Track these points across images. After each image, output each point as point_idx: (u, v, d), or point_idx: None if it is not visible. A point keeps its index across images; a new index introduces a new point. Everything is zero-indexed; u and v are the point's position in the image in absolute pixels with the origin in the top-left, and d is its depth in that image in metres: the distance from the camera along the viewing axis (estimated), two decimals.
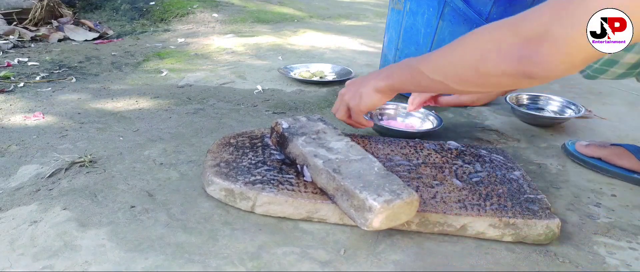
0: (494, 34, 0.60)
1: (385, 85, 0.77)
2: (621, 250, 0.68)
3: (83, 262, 0.58)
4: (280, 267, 0.60)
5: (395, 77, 0.76)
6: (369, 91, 0.79)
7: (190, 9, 2.35)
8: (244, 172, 0.73)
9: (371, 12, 2.85)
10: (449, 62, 0.65)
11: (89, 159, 0.83)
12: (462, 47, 0.64)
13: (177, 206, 0.71)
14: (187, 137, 0.96)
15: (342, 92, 0.86)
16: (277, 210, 0.68)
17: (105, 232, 0.64)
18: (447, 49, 0.67)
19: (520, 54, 0.55)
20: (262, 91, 1.30)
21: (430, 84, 0.69)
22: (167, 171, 0.81)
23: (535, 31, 0.53)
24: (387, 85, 0.77)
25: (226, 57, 1.67)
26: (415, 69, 0.70)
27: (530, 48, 0.53)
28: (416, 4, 1.14)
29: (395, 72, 0.77)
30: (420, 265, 0.62)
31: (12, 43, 1.76)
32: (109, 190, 0.74)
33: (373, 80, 0.79)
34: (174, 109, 1.13)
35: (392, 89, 0.78)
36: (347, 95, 0.84)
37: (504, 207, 0.68)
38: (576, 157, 0.94)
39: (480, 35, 0.62)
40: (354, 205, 0.62)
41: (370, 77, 0.81)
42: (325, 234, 0.66)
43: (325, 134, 0.78)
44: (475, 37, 0.62)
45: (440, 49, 0.68)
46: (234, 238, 0.64)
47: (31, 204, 0.70)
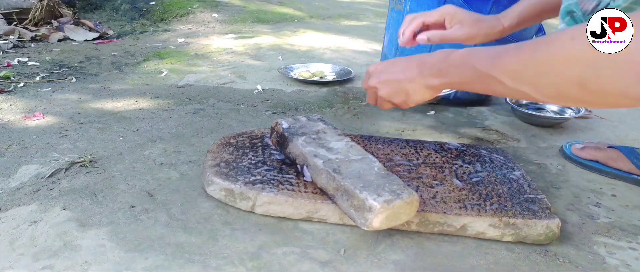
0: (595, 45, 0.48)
1: (441, 84, 0.67)
2: (621, 250, 0.68)
3: (83, 262, 0.58)
4: (280, 267, 0.60)
5: (454, 76, 0.64)
6: (418, 88, 0.69)
7: (190, 9, 2.35)
8: (244, 172, 0.73)
9: (371, 12, 2.85)
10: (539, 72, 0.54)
11: (89, 159, 0.83)
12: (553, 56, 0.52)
13: (177, 206, 0.71)
14: (187, 137, 0.96)
15: (373, 83, 0.74)
16: (277, 210, 0.68)
17: (105, 232, 0.64)
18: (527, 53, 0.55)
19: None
20: (262, 91, 1.30)
21: (507, 92, 0.60)
22: (167, 171, 0.81)
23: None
24: (442, 84, 0.67)
25: (226, 57, 1.67)
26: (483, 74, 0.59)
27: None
28: (416, 4, 1.14)
29: (451, 71, 0.65)
30: (420, 265, 0.62)
31: (12, 43, 1.76)
32: (109, 190, 0.74)
33: (419, 76, 0.68)
34: (174, 109, 1.13)
35: (449, 87, 0.68)
36: (384, 90, 0.73)
37: (504, 207, 0.68)
38: (574, 160, 0.94)
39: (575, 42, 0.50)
40: (354, 205, 0.62)
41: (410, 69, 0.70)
42: (325, 234, 0.66)
43: (325, 134, 0.78)
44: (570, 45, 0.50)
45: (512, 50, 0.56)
46: (234, 238, 0.64)
47: (31, 204, 0.70)
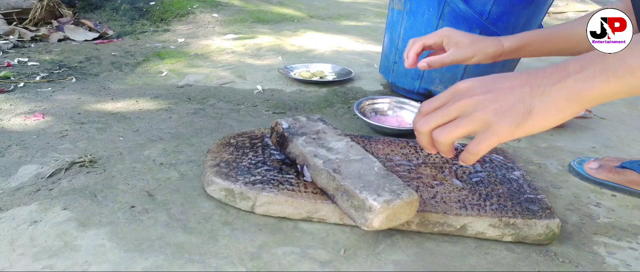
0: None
1: (601, 87, 0.44)
2: (621, 250, 0.68)
3: (83, 262, 0.58)
4: (280, 267, 0.60)
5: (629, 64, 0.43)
6: (550, 102, 0.46)
7: (190, 9, 2.35)
8: (244, 172, 0.73)
9: (371, 12, 2.85)
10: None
11: (89, 159, 0.83)
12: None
13: (177, 206, 0.71)
14: (187, 137, 0.96)
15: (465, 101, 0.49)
16: (277, 210, 0.68)
17: (105, 232, 0.64)
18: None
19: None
20: (262, 91, 1.30)
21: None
22: (167, 171, 0.81)
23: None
24: (614, 88, 0.44)
25: (226, 57, 1.67)
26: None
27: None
28: (416, 4, 1.14)
29: (626, 55, 0.43)
30: (420, 265, 0.62)
31: (12, 43, 1.75)
32: (109, 190, 0.74)
33: (556, 82, 0.45)
34: (174, 109, 1.13)
35: (621, 93, 0.44)
36: (487, 106, 0.48)
37: (504, 207, 0.68)
38: (590, 180, 0.88)
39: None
40: (354, 205, 0.62)
41: (531, 77, 0.48)
42: (325, 234, 0.66)
43: (325, 134, 0.78)
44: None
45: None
46: (234, 238, 0.64)
47: (31, 204, 0.70)
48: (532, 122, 0.46)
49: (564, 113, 0.45)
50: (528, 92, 0.46)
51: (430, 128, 0.51)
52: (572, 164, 0.93)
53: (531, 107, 0.46)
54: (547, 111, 0.45)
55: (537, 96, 0.46)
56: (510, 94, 0.47)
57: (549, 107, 0.45)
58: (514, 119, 0.46)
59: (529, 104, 0.46)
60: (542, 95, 0.45)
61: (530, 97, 0.46)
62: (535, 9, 1.11)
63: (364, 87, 1.36)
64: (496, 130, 0.47)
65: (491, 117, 0.47)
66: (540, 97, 0.46)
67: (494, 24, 1.08)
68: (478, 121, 0.48)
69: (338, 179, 0.65)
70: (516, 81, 0.48)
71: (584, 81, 0.44)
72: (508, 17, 1.09)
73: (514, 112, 0.46)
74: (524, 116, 0.46)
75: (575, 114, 0.46)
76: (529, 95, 0.46)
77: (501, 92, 0.48)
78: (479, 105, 0.48)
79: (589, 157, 0.93)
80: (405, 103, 1.14)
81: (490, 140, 0.48)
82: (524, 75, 0.48)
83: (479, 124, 0.48)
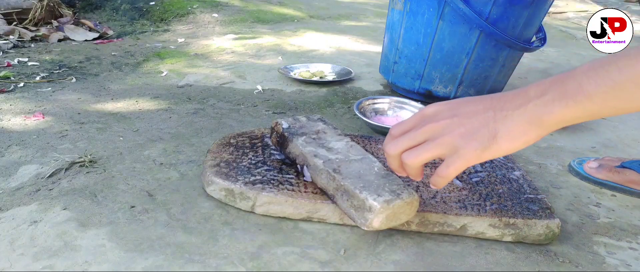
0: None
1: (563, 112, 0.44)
2: (621, 250, 0.68)
3: (83, 262, 0.58)
4: (280, 267, 0.60)
5: (601, 88, 0.42)
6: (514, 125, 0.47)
7: (190, 9, 2.35)
8: (244, 172, 0.73)
9: (371, 12, 2.85)
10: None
11: (89, 159, 0.83)
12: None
13: (177, 206, 0.71)
14: (187, 137, 0.96)
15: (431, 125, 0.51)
16: (277, 210, 0.68)
17: (105, 232, 0.64)
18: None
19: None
20: (262, 91, 1.30)
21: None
22: (167, 171, 0.81)
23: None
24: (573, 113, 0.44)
25: (226, 57, 1.67)
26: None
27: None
28: (416, 4, 1.14)
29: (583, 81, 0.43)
30: (420, 265, 0.62)
31: (12, 43, 1.75)
32: (109, 190, 0.74)
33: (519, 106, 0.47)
34: (174, 109, 1.13)
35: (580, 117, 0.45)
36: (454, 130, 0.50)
37: (504, 207, 0.68)
38: (590, 180, 0.88)
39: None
40: (354, 205, 0.62)
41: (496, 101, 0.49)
42: (325, 234, 0.66)
43: (325, 134, 0.78)
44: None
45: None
46: (234, 238, 0.64)
47: (31, 204, 0.70)
48: (497, 146, 0.47)
49: (527, 136, 0.46)
50: (492, 116, 0.48)
51: (399, 151, 0.53)
52: (572, 164, 0.93)
53: (496, 132, 0.47)
54: (511, 135, 0.47)
55: (500, 120, 0.47)
56: (475, 118, 0.49)
57: (513, 131, 0.46)
58: (480, 143, 0.48)
59: (493, 128, 0.47)
60: (505, 120, 0.47)
61: (493, 121, 0.47)
62: (535, 9, 1.11)
63: (364, 87, 1.36)
64: (463, 154, 0.49)
65: (458, 141, 0.49)
66: (503, 121, 0.47)
67: (494, 24, 1.08)
68: (445, 145, 0.50)
69: (338, 179, 0.65)
70: (480, 106, 0.49)
71: (544, 106, 0.45)
72: (508, 17, 1.09)
73: (479, 136, 0.48)
74: (489, 140, 0.47)
75: (539, 136, 0.47)
76: (492, 119, 0.47)
77: (466, 116, 0.49)
78: (445, 130, 0.50)
79: (589, 157, 0.93)
80: (405, 103, 1.14)
81: (458, 163, 0.49)
82: (488, 99, 0.50)
83: (446, 148, 0.50)
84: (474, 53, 1.13)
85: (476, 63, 1.15)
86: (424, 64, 1.18)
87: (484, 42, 1.12)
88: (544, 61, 1.88)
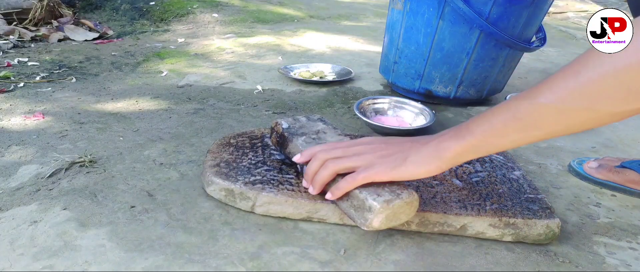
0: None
1: (460, 147, 0.56)
2: (621, 250, 0.68)
3: (83, 262, 0.58)
4: (280, 267, 0.60)
5: (481, 127, 0.55)
6: (421, 157, 0.58)
7: (190, 9, 2.35)
8: (244, 172, 0.73)
9: (371, 12, 2.85)
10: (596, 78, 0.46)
11: (89, 159, 0.83)
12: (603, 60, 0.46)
13: (177, 206, 0.71)
14: (187, 137, 0.96)
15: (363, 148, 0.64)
16: (277, 210, 0.68)
17: (105, 232, 0.64)
18: (572, 70, 0.48)
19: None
20: (262, 91, 1.30)
21: (560, 120, 0.50)
22: (167, 171, 0.81)
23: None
24: (463, 146, 0.56)
25: (226, 57, 1.67)
26: (527, 106, 0.51)
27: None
28: (416, 4, 1.14)
29: (478, 125, 0.55)
30: (420, 265, 0.62)
31: (12, 43, 1.75)
32: (109, 190, 0.74)
33: (428, 143, 0.59)
34: (174, 109, 1.13)
35: (469, 151, 0.56)
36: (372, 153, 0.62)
37: (504, 207, 0.68)
38: (590, 180, 0.88)
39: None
40: (354, 205, 0.62)
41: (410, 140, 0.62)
42: (325, 234, 0.66)
43: (325, 134, 0.78)
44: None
45: (559, 74, 0.50)
46: (234, 238, 0.64)
47: (31, 204, 0.70)
48: (405, 167, 0.59)
49: (430, 166, 0.58)
50: (408, 147, 0.60)
51: (328, 157, 0.64)
52: (572, 164, 0.92)
53: (407, 157, 0.59)
54: (417, 162, 0.58)
55: (413, 150, 0.59)
56: (396, 147, 0.61)
57: (419, 160, 0.58)
58: (392, 163, 0.59)
59: (406, 155, 0.59)
60: (417, 150, 0.59)
61: (408, 149, 0.60)
62: (535, 9, 1.11)
63: (364, 87, 1.36)
64: (376, 167, 0.60)
65: (376, 160, 0.61)
66: (416, 151, 0.59)
67: (494, 24, 1.08)
68: (365, 160, 0.61)
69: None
70: (405, 141, 0.62)
71: (442, 143, 0.57)
72: (508, 17, 1.09)
73: (393, 158, 0.60)
74: (400, 162, 0.59)
75: (440, 168, 0.58)
76: (408, 149, 0.60)
77: (391, 145, 0.62)
78: (370, 150, 0.62)
79: (589, 157, 0.92)
80: (405, 103, 1.14)
81: (368, 173, 0.60)
82: (412, 138, 0.63)
83: (364, 162, 0.61)
84: (474, 53, 1.13)
85: (476, 63, 1.15)
86: (424, 64, 1.18)
87: (484, 42, 1.12)
88: (544, 61, 1.88)
